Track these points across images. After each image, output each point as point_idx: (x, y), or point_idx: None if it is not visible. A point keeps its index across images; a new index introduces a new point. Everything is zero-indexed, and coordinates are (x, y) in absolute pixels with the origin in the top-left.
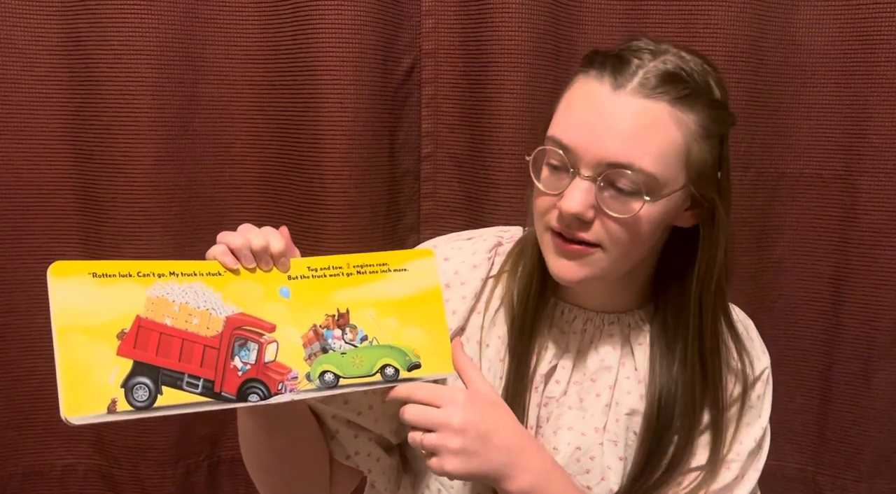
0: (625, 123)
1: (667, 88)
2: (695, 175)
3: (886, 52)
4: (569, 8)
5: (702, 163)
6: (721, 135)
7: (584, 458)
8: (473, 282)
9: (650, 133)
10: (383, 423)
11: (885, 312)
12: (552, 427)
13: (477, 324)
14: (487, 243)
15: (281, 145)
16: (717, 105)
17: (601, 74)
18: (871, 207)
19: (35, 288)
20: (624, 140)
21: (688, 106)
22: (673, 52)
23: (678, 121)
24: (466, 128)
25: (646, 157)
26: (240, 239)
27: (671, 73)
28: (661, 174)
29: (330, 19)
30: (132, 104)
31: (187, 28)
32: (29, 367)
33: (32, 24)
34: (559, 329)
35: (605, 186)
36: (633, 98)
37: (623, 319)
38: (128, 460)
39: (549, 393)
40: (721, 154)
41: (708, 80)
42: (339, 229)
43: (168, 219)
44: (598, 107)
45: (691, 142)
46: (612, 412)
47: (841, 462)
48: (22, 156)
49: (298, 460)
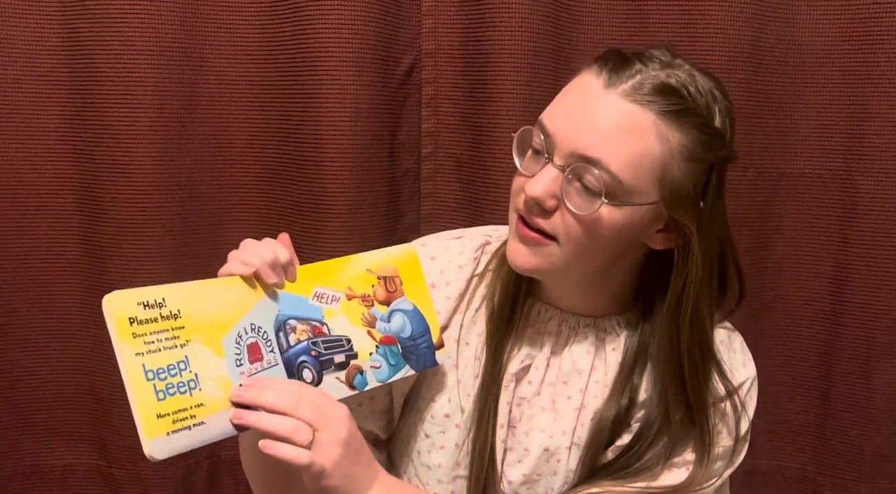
0: (605, 121)
1: (658, 99)
2: (668, 195)
3: (886, 52)
4: (569, 8)
5: (679, 184)
6: (710, 162)
7: (552, 460)
8: (458, 283)
9: (627, 137)
10: (371, 420)
11: (885, 312)
12: (524, 427)
13: (458, 323)
14: (475, 242)
15: (281, 145)
16: (711, 131)
17: (600, 70)
18: (871, 207)
19: (35, 288)
20: (599, 137)
21: (676, 122)
22: (685, 69)
23: (660, 133)
24: (466, 128)
25: (616, 159)
26: (256, 258)
27: (668, 86)
28: (628, 181)
29: (330, 19)
30: (132, 104)
31: (187, 28)
32: (29, 367)
33: (32, 24)
34: (535, 329)
35: (573, 179)
36: (621, 99)
37: (599, 324)
38: (128, 460)
39: (522, 393)
40: (708, 182)
41: (710, 106)
42: (339, 229)
43: (168, 219)
44: (584, 101)
45: (670, 159)
46: (581, 416)
47: (841, 462)
48: (22, 156)
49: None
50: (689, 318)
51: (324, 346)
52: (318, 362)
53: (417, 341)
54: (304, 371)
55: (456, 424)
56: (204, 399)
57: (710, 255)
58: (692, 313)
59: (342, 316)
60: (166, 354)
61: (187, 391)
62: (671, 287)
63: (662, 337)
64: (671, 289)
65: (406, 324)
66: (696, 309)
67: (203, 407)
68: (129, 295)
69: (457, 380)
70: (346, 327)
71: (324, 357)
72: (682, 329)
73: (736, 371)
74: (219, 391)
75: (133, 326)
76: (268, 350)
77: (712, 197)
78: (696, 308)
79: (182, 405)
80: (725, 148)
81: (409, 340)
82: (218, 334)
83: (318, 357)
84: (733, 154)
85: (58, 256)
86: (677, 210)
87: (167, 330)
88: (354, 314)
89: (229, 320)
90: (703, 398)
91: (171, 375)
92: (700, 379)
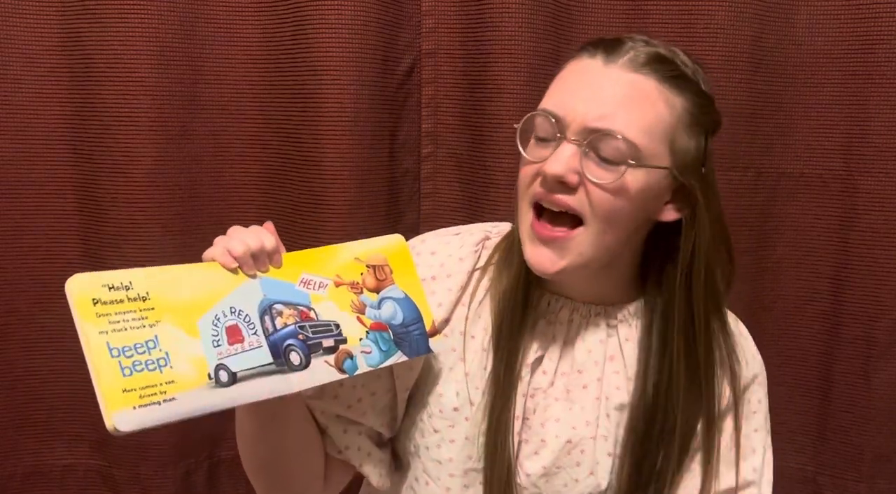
0: (612, 92)
1: (656, 67)
2: (679, 161)
3: (886, 52)
4: (569, 8)
5: (685, 149)
6: (706, 129)
7: (575, 451)
8: (459, 275)
9: (637, 104)
10: (372, 416)
11: (885, 312)
12: (539, 418)
13: (461, 316)
14: (475, 237)
15: (281, 145)
16: (705, 97)
17: (594, 53)
18: (871, 207)
19: (35, 288)
20: (610, 108)
21: (676, 88)
22: (663, 45)
23: (666, 99)
24: (466, 128)
25: (630, 126)
26: (240, 246)
27: (661, 55)
28: (644, 145)
29: (330, 19)
30: (132, 104)
31: (187, 28)
32: (29, 367)
33: (32, 24)
34: (546, 319)
35: (590, 152)
36: (623, 71)
37: (610, 312)
38: (128, 460)
39: (536, 384)
40: (706, 148)
41: (697, 72)
42: (339, 229)
43: (168, 219)
44: (588, 79)
45: (678, 123)
46: (603, 407)
47: (841, 462)
48: (22, 156)
49: (295, 456)
50: (704, 281)
51: (312, 330)
52: (306, 345)
53: (410, 328)
54: (292, 354)
55: (466, 417)
56: (175, 376)
57: (716, 221)
58: (706, 276)
59: (330, 302)
60: (133, 333)
61: (157, 368)
62: (681, 257)
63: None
64: (681, 259)
65: (397, 312)
66: (709, 272)
67: (174, 383)
68: (93, 278)
69: (464, 373)
70: (334, 312)
71: (312, 340)
72: (695, 294)
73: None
74: (192, 369)
75: (97, 307)
76: (250, 332)
77: (709, 162)
78: (708, 270)
79: (151, 381)
80: (716, 112)
81: (401, 327)
82: (192, 316)
83: (306, 340)
84: (720, 117)
85: (58, 256)
86: (686, 175)
87: (134, 311)
88: (343, 300)
89: (205, 303)
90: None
91: (137, 352)
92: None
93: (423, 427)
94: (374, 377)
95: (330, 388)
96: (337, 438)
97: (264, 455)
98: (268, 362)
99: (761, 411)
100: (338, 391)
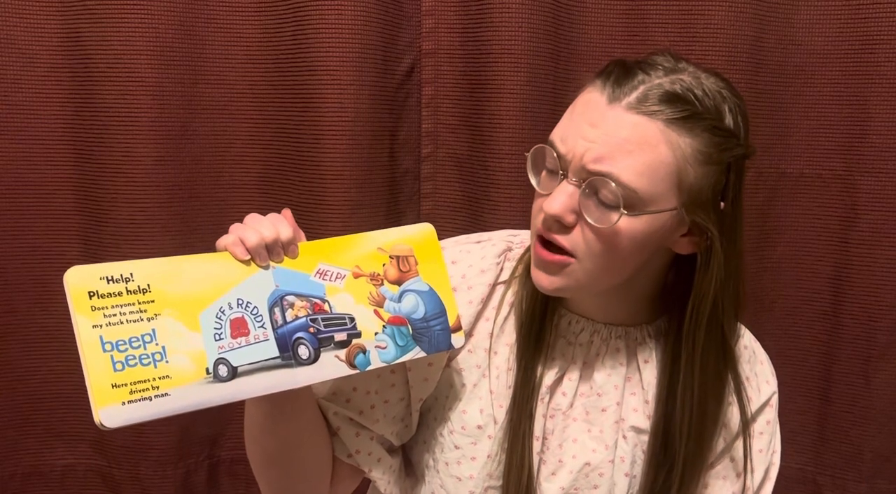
0: (612, 136)
1: (663, 108)
2: (688, 200)
3: (886, 52)
4: (569, 8)
5: (697, 188)
6: (726, 163)
7: (593, 474)
8: (480, 288)
9: (636, 148)
10: (384, 424)
11: (885, 312)
12: (557, 439)
13: (486, 331)
14: (497, 248)
15: (281, 145)
16: (723, 132)
17: (604, 85)
18: (871, 207)
19: (35, 288)
20: (608, 151)
21: (685, 129)
22: (690, 72)
23: (669, 141)
24: (466, 128)
25: (627, 170)
26: (255, 237)
27: (673, 94)
28: (643, 190)
29: (330, 19)
30: (132, 104)
31: (187, 28)
32: (29, 367)
33: (32, 24)
34: (566, 339)
35: (590, 194)
36: (626, 112)
37: (630, 333)
38: (128, 460)
39: (556, 404)
40: (727, 183)
41: (720, 106)
42: (340, 229)
43: (168, 219)
44: (591, 118)
45: (685, 165)
46: (621, 429)
47: (841, 462)
48: (22, 156)
49: (303, 453)
50: (707, 322)
51: (324, 323)
52: (317, 339)
53: (431, 322)
54: (300, 347)
55: (489, 435)
56: (170, 371)
57: (733, 257)
58: (710, 316)
59: (346, 294)
60: (129, 327)
61: (151, 363)
62: (694, 289)
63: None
64: (693, 292)
65: (419, 305)
66: (713, 313)
67: (169, 379)
68: (91, 270)
69: (489, 390)
70: (350, 305)
71: (323, 334)
72: (698, 332)
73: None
74: (189, 364)
75: (92, 300)
76: (257, 325)
77: (732, 196)
78: (714, 311)
79: (144, 376)
80: (740, 146)
81: (422, 322)
82: (194, 309)
83: (317, 334)
84: (750, 150)
85: (58, 256)
86: (698, 213)
87: (133, 303)
88: (361, 292)
89: (210, 295)
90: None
91: (132, 347)
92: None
93: (444, 443)
94: (388, 385)
95: (342, 392)
96: (348, 440)
97: (271, 448)
98: (273, 356)
99: (767, 432)
100: (350, 395)
